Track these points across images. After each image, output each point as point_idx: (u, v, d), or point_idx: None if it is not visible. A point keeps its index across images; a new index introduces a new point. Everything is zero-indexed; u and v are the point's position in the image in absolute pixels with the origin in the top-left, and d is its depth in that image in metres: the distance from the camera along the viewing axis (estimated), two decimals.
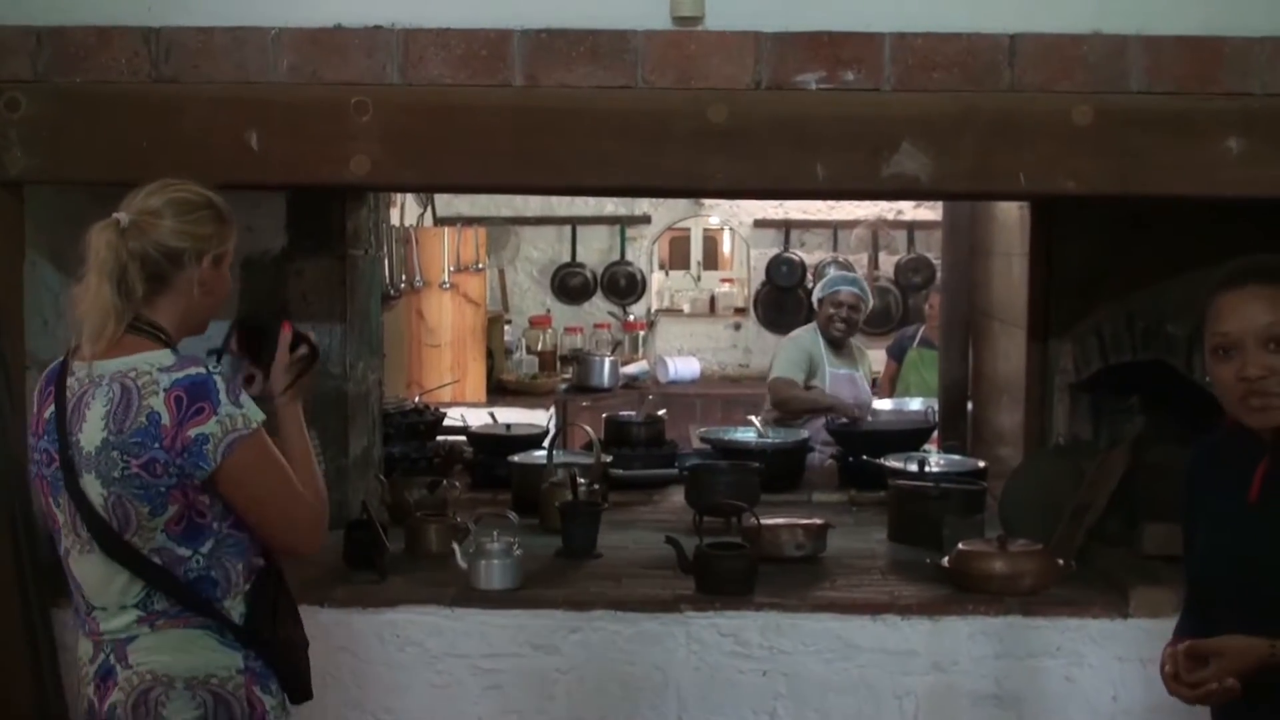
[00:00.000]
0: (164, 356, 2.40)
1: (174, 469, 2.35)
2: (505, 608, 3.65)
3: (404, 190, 7.35)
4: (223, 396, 2.37)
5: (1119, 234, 3.93)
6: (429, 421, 5.26)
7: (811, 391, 6.01)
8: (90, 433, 2.38)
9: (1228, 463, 2.41)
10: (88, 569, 2.46)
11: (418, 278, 7.74)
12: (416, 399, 5.90)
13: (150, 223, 2.42)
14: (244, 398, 2.42)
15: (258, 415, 2.42)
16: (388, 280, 6.42)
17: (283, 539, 2.51)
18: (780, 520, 4.10)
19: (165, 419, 2.34)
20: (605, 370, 8.59)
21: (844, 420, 5.66)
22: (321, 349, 2.73)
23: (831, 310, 6.14)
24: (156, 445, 2.34)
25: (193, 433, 2.34)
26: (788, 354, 6.17)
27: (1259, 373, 2.24)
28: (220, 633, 2.46)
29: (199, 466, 2.36)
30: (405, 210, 8.18)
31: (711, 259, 10.86)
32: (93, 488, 2.39)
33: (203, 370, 2.38)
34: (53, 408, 2.44)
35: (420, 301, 7.86)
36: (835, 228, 9.94)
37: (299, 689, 2.60)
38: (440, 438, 5.32)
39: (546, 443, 4.88)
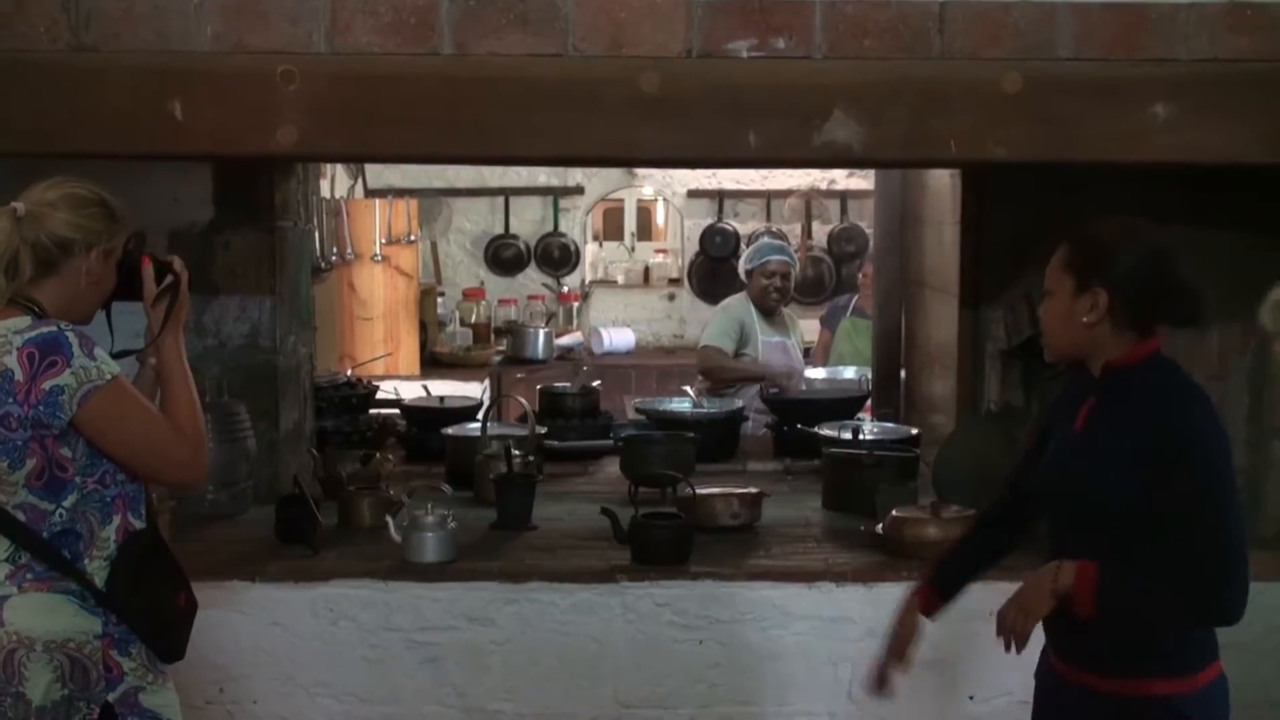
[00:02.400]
0: (22, 321, 2.54)
1: (29, 422, 2.48)
2: (440, 580, 3.63)
3: (332, 161, 7.26)
4: (76, 350, 2.50)
5: (1049, 201, 3.95)
6: (361, 395, 5.22)
7: (741, 360, 6.03)
8: None
9: (1071, 398, 2.73)
10: None
11: (349, 250, 7.66)
12: (349, 372, 5.85)
13: (45, 213, 2.58)
14: (98, 351, 2.54)
15: (112, 368, 2.55)
16: (318, 253, 6.36)
17: (162, 477, 2.69)
18: (715, 490, 4.11)
19: (18, 374, 2.48)
20: (540, 342, 8.57)
21: (775, 389, 5.67)
22: (184, 269, 2.80)
23: (765, 281, 6.14)
24: (10, 400, 2.48)
25: (47, 385, 2.47)
26: (718, 323, 6.18)
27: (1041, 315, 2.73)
28: (82, 597, 2.57)
29: (55, 417, 2.48)
30: (335, 182, 8.09)
31: (645, 230, 10.84)
32: None
33: (54, 329, 2.52)
34: None
35: (352, 274, 7.79)
36: (768, 197, 9.95)
37: (165, 650, 2.69)
38: (373, 411, 5.28)
39: (481, 415, 4.86)
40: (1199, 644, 2.56)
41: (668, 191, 10.16)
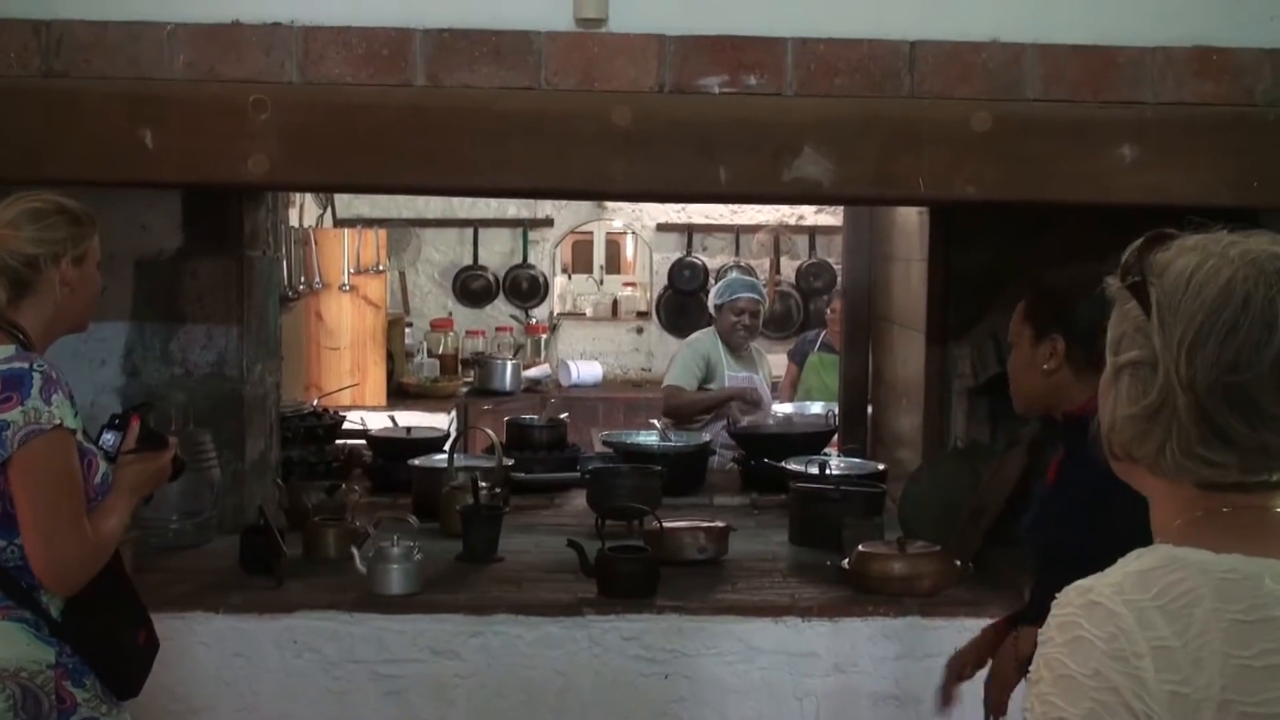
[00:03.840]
0: (4, 350, 2.52)
1: None
2: (405, 613, 3.61)
3: (304, 190, 7.26)
4: (34, 390, 2.46)
5: (1016, 239, 3.98)
6: (328, 425, 5.20)
7: (704, 392, 6.04)
8: None
9: (1051, 449, 2.83)
10: None
11: (317, 279, 7.64)
12: (315, 402, 5.84)
13: (5, 235, 2.57)
14: (57, 397, 2.48)
15: (66, 419, 2.49)
16: (286, 281, 6.34)
17: (37, 555, 2.49)
18: (682, 523, 4.10)
19: None
20: (507, 374, 8.55)
21: (743, 423, 5.68)
22: (183, 462, 2.87)
23: (734, 317, 6.16)
24: None
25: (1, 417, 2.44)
26: (681, 361, 6.20)
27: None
28: (36, 626, 2.54)
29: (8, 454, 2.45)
30: (304, 211, 8.07)
31: (614, 263, 10.86)
32: None
33: (26, 365, 2.50)
34: None
35: (319, 303, 7.76)
36: (737, 232, 9.99)
37: (121, 687, 2.65)
38: (339, 441, 5.26)
39: (447, 446, 4.84)
40: None
41: (637, 225, 10.18)
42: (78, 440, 2.55)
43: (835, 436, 5.62)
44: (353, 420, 5.71)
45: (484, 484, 4.25)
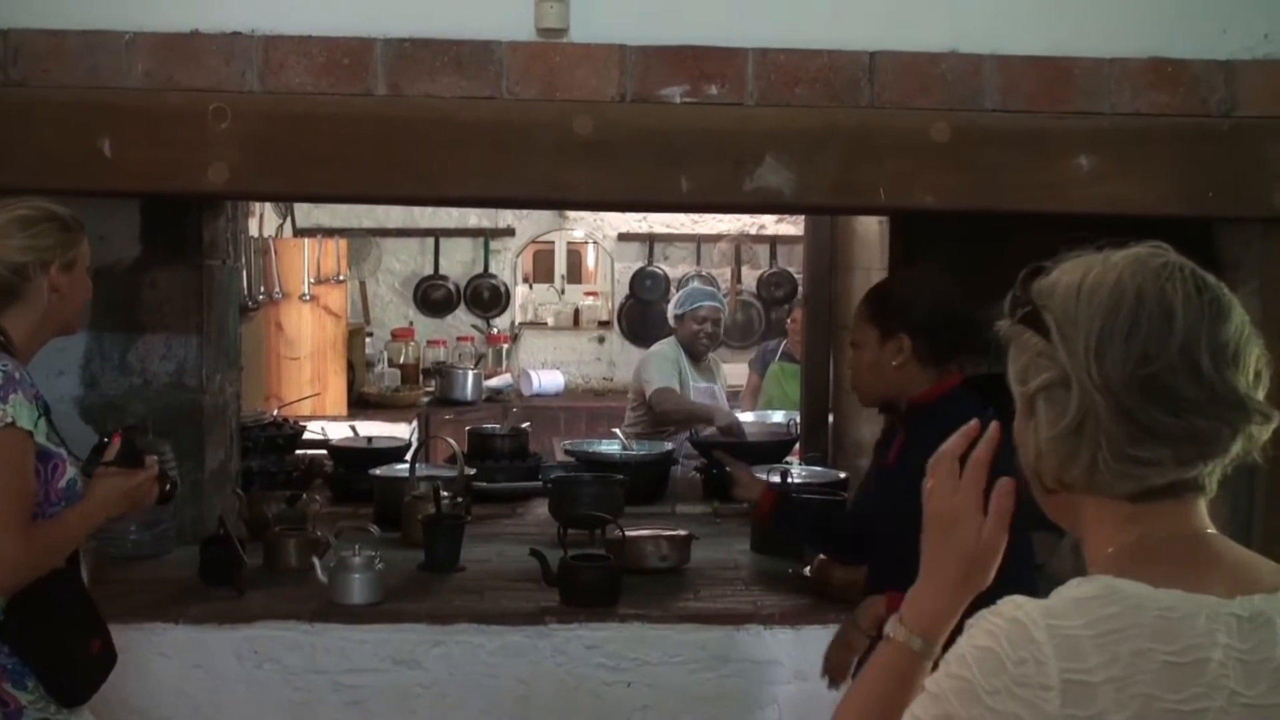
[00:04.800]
0: None
1: None
2: (366, 622, 3.61)
3: (264, 200, 7.23)
4: None
5: (974, 248, 4.00)
6: (288, 435, 5.18)
7: (699, 403, 6.05)
8: None
9: (888, 436, 3.02)
10: None
11: (276, 289, 7.61)
12: (275, 412, 5.81)
13: None
14: (14, 398, 2.47)
15: (20, 420, 2.47)
16: (246, 291, 6.31)
17: None
18: (644, 532, 4.11)
19: None
20: (468, 383, 8.53)
21: (712, 433, 5.69)
22: (174, 479, 2.90)
23: (695, 326, 6.19)
24: None
25: None
26: (659, 366, 6.20)
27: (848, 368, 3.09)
28: None
29: None
30: (264, 220, 8.04)
31: (575, 272, 10.86)
32: None
33: None
34: None
35: (279, 313, 7.73)
36: (699, 242, 10.01)
37: (64, 694, 2.62)
38: (300, 451, 5.24)
39: (409, 456, 4.83)
40: None
41: (598, 234, 10.19)
42: (41, 443, 2.54)
43: (797, 445, 5.64)
44: (313, 430, 5.69)
45: (446, 493, 4.25)
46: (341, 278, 8.27)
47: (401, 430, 7.18)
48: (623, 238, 10.10)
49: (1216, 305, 1.34)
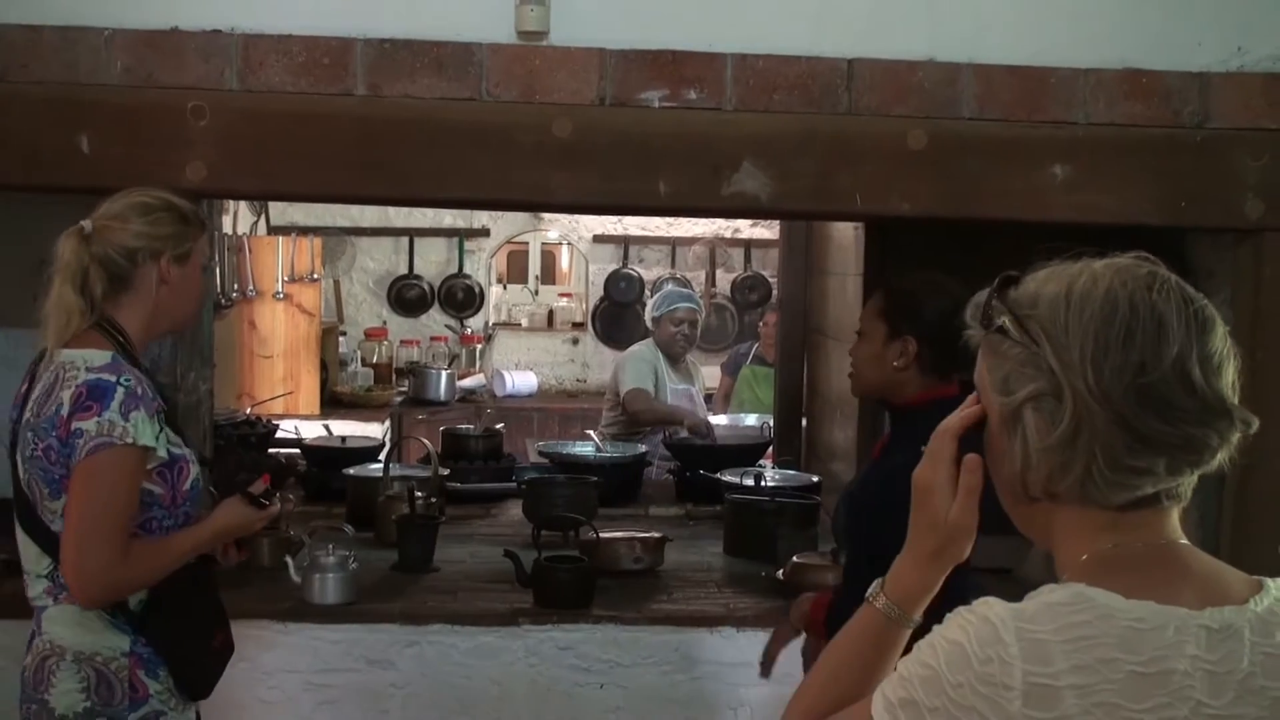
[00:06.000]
0: (100, 356, 2.54)
1: (62, 458, 2.48)
2: (340, 622, 3.61)
3: (242, 198, 7.20)
4: (115, 403, 2.48)
5: (948, 255, 4.03)
6: (261, 433, 5.17)
7: (670, 405, 6.06)
8: (26, 413, 2.57)
9: (879, 432, 3.08)
10: (19, 536, 2.62)
11: (250, 287, 7.58)
12: (248, 410, 5.80)
13: (110, 226, 2.60)
14: (136, 415, 2.48)
15: (141, 438, 2.49)
16: (219, 289, 6.30)
17: (66, 560, 2.52)
18: (618, 533, 4.12)
19: (65, 409, 2.48)
20: (442, 383, 8.52)
21: (684, 434, 5.70)
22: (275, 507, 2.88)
23: (672, 328, 6.20)
24: (54, 433, 2.49)
25: (75, 426, 2.47)
26: (635, 367, 6.21)
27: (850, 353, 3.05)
28: (113, 614, 2.58)
29: (71, 459, 2.47)
30: (238, 218, 8.01)
31: (549, 273, 10.86)
32: (18, 463, 2.58)
33: (114, 378, 2.50)
34: (25, 386, 2.63)
35: (253, 311, 7.70)
36: (674, 244, 10.03)
37: (191, 685, 2.69)
38: (272, 450, 5.23)
39: (382, 455, 4.83)
40: None
41: (573, 236, 10.20)
42: (161, 455, 2.56)
43: (770, 448, 5.66)
44: (286, 429, 5.68)
45: (420, 494, 4.25)
46: (315, 276, 8.24)
47: (374, 430, 7.18)
48: (598, 239, 10.11)
49: (1202, 316, 1.35)
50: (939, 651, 1.31)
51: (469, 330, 9.92)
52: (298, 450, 5.32)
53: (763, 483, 4.56)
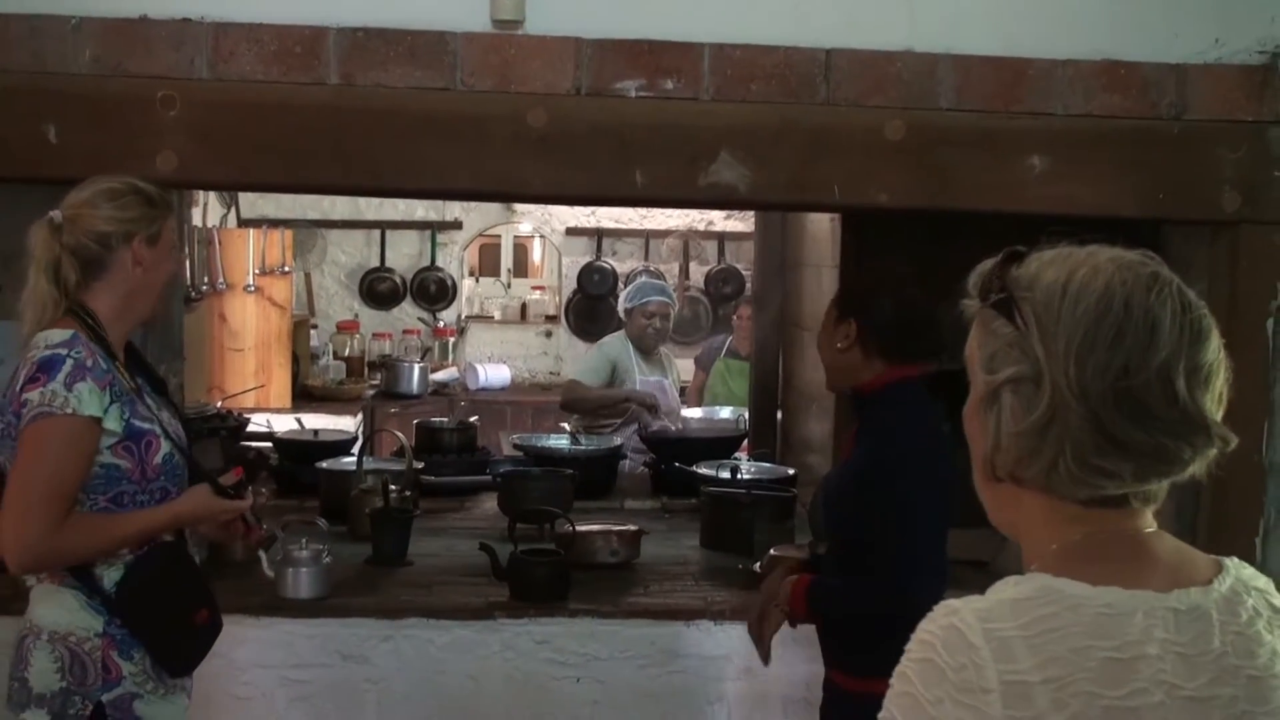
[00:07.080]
0: (60, 334, 2.55)
1: (17, 432, 2.51)
2: (314, 617, 3.57)
3: (212, 189, 7.15)
4: (60, 375, 2.49)
5: (925, 247, 4.02)
6: (232, 427, 5.11)
7: (606, 389, 6.03)
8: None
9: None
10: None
11: (220, 280, 7.53)
12: (219, 404, 5.74)
13: (80, 214, 2.61)
14: (81, 386, 2.50)
15: (85, 408, 2.50)
16: (189, 282, 6.24)
17: (3, 527, 2.53)
18: (594, 526, 4.10)
19: (19, 385, 2.52)
20: (414, 377, 8.50)
21: (654, 427, 5.68)
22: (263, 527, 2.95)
23: (644, 321, 6.18)
24: (10, 408, 2.54)
25: (25, 397, 2.50)
26: (588, 360, 6.23)
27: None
28: (89, 595, 2.60)
29: (17, 430, 2.51)
30: (208, 210, 7.95)
31: (522, 266, 10.83)
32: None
33: (65, 351, 2.52)
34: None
35: (223, 304, 7.65)
36: (647, 237, 10.01)
37: (170, 663, 2.69)
38: (244, 443, 5.18)
39: (356, 449, 4.79)
40: None
41: (546, 228, 10.17)
42: (132, 422, 2.57)
43: (745, 441, 5.65)
44: (258, 423, 5.63)
45: (393, 487, 4.22)
46: (286, 269, 8.20)
47: (346, 423, 7.14)
48: (571, 232, 10.08)
49: (1198, 326, 1.32)
50: (910, 675, 1.28)
51: (441, 323, 9.89)
52: (269, 443, 5.27)
53: (739, 475, 4.55)
